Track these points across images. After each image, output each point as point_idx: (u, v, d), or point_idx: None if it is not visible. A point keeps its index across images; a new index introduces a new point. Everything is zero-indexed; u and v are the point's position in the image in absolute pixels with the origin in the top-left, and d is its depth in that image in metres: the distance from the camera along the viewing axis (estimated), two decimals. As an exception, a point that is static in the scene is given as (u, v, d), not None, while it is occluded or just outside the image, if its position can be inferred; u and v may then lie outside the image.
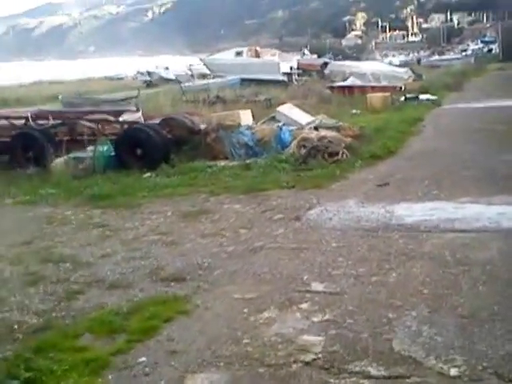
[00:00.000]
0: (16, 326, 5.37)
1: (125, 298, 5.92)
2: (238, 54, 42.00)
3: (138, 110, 18.35)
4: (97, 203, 10.40)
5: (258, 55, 42.54)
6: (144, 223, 8.89)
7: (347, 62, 43.24)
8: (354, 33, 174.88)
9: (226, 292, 5.88)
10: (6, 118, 15.27)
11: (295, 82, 35.03)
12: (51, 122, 14.70)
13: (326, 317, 5.10)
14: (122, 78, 65.20)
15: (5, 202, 11.15)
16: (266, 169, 11.64)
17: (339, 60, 55.88)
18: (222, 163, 12.41)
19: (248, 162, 12.22)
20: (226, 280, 6.22)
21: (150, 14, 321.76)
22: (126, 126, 14.05)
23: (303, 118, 15.94)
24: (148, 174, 12.37)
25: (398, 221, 7.84)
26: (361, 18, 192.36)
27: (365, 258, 6.52)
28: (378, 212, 8.30)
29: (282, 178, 10.83)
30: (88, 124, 14.32)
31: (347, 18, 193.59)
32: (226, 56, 42.83)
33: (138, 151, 13.08)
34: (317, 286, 5.82)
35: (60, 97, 28.36)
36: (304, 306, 5.38)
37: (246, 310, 5.37)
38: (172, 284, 6.23)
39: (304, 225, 8.05)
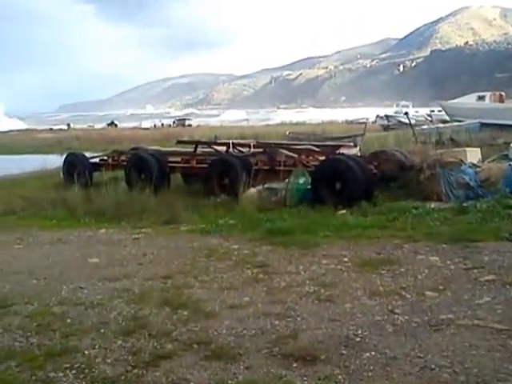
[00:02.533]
0: None
1: (219, 376, 3.98)
2: (480, 98, 38.02)
3: (355, 146, 16.68)
4: (272, 239, 8.75)
5: (502, 100, 38.12)
6: (309, 268, 6.91)
7: None
8: None
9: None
10: (210, 144, 14.61)
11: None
12: (252, 150, 13.60)
13: None
14: (361, 123, 64.49)
15: (179, 229, 10.08)
16: (486, 214, 8.83)
17: None
18: (433, 205, 9.86)
19: (465, 204, 9.51)
20: (377, 371, 3.91)
21: (401, 68, 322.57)
22: (325, 157, 12.26)
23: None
24: (343, 211, 10.37)
25: None
26: None
27: None
28: None
29: (503, 228, 7.98)
30: (288, 153, 12.87)
31: None
32: (467, 100, 39.20)
33: (337, 185, 11.17)
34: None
35: (287, 132, 28.03)
36: None
37: None
38: (295, 365, 4.11)
39: (527, 296, 5.31)
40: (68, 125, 75.17)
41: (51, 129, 67.76)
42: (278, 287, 6.20)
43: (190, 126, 75.31)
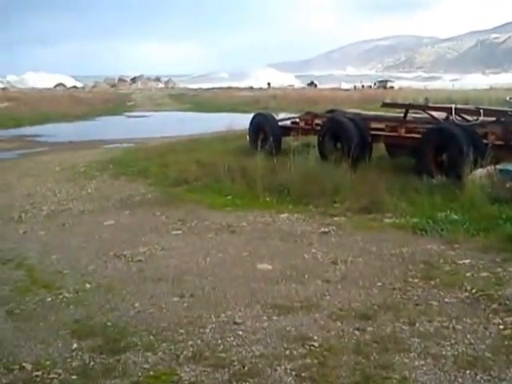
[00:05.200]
0: None
1: None
2: None
3: None
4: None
5: None
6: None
7: None
8: None
9: None
10: (425, 109, 11.62)
11: None
12: (481, 119, 10.39)
13: None
14: None
15: (383, 222, 7.53)
16: None
17: None
18: None
19: None
20: None
21: None
22: None
23: None
24: None
25: None
26: None
27: None
28: None
29: None
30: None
31: None
32: None
33: None
34: None
35: (508, 98, 23.46)
36: None
37: None
38: None
39: None
40: (268, 84, 75.11)
41: (251, 87, 68.03)
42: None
43: (391, 88, 70.91)
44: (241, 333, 4.22)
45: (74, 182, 10.76)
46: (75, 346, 4.13)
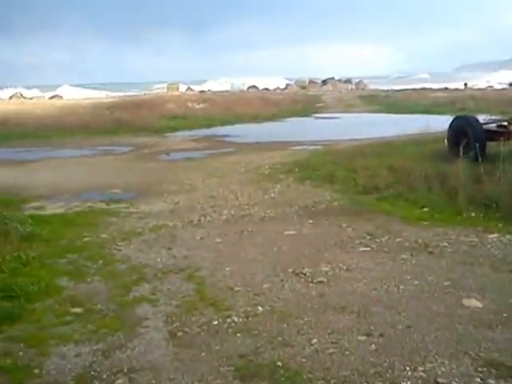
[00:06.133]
0: None
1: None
2: None
3: None
4: None
5: None
6: None
7: None
8: None
9: None
10: None
11: None
12: None
13: None
14: None
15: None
16: None
17: None
18: None
19: None
20: None
21: None
22: None
23: None
24: None
25: None
26: None
27: None
28: None
29: None
30: None
31: None
32: None
33: None
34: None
35: None
36: None
37: None
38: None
39: None
40: (465, 84, 70.55)
41: (446, 88, 64.25)
42: None
43: None
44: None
45: (258, 184, 10.29)
46: (236, 390, 3.43)
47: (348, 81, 55.54)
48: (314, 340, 4.14)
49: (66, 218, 8.16)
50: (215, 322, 4.52)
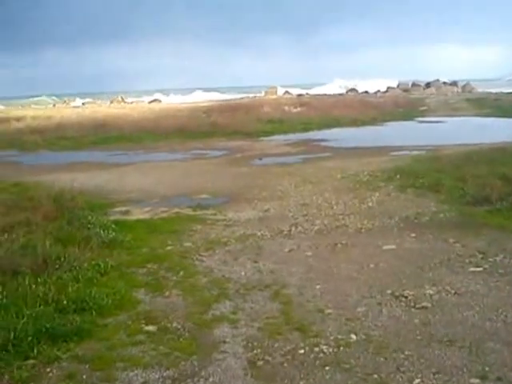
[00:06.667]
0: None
1: None
2: None
3: None
4: None
5: None
6: None
7: None
8: None
9: None
10: None
11: None
12: None
13: None
14: None
15: None
16: None
17: None
18: None
19: None
20: None
21: None
22: None
23: None
24: None
25: None
26: None
27: None
28: None
29: None
30: None
31: None
32: None
33: None
34: None
35: None
36: None
37: None
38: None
39: None
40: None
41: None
42: None
43: None
44: None
45: (355, 192, 9.59)
46: None
47: (454, 83, 52.98)
48: (417, 381, 3.50)
49: (150, 224, 7.88)
50: (301, 351, 3.97)
